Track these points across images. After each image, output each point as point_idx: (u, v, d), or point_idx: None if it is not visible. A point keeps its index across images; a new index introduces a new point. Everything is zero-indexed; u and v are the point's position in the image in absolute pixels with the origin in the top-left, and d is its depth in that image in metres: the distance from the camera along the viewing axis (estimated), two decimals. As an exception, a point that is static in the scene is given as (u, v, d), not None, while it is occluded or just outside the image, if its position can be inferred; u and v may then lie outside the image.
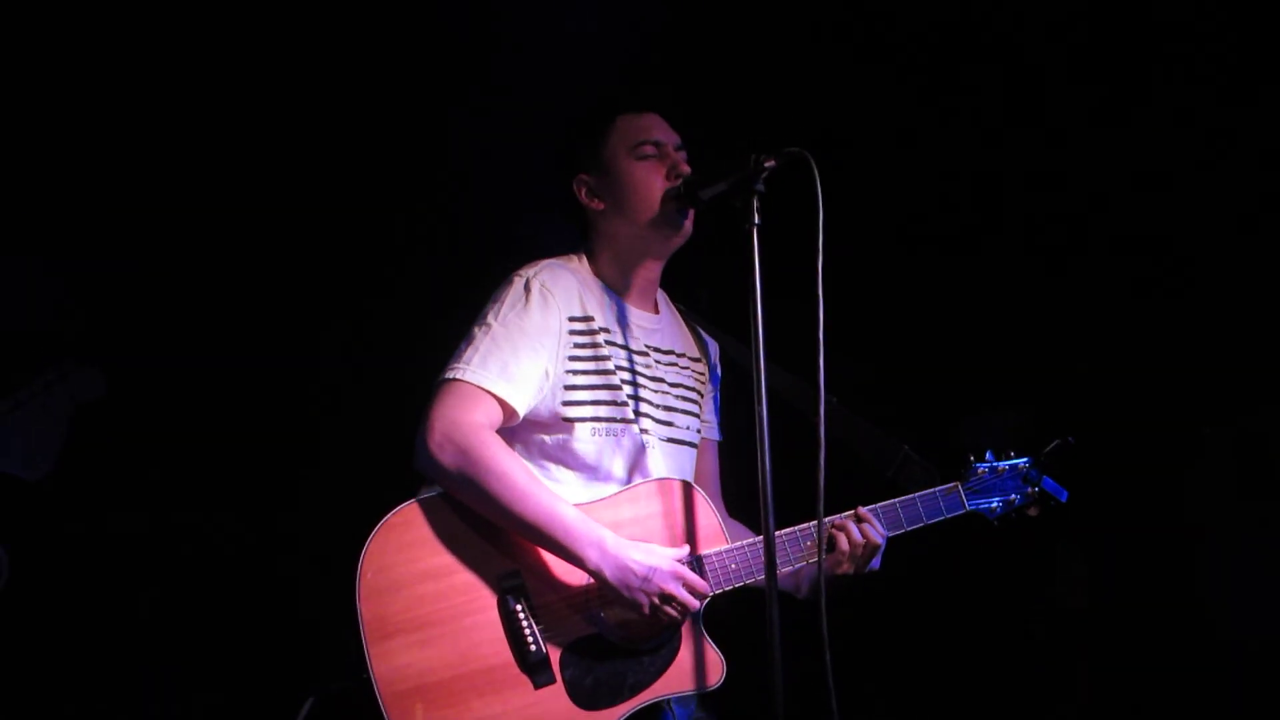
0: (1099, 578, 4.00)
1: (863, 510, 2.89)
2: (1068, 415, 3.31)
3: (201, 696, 3.53)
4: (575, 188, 2.96)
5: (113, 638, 3.55)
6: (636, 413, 2.87)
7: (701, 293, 3.40)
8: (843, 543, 2.82)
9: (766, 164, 2.58)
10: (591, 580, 2.67)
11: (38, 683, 3.50)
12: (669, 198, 2.86)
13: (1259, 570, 3.79)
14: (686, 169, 2.90)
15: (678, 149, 2.94)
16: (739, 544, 2.81)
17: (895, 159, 4.00)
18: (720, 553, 2.78)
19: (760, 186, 2.58)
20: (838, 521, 2.84)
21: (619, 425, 2.84)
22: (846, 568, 2.81)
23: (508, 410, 2.71)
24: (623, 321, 2.95)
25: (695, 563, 2.75)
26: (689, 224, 2.91)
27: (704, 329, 3.22)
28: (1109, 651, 3.97)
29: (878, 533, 2.86)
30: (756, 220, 2.58)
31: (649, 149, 2.91)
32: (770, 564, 2.46)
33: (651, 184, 2.88)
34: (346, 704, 2.60)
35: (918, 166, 4.02)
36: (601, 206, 2.94)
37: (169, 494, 3.64)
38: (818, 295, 2.47)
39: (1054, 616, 4.06)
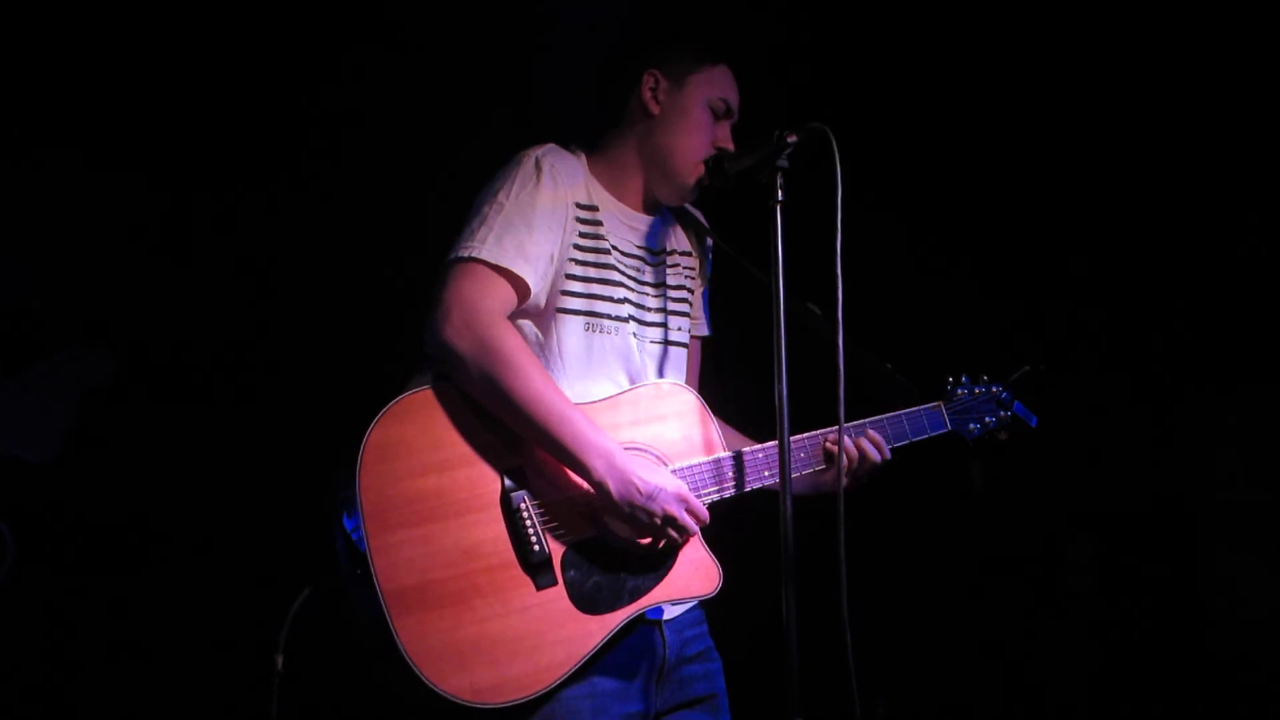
0: (1105, 565, 4.07)
1: (871, 432, 2.88)
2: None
3: (197, 590, 3.37)
4: (645, 77, 2.87)
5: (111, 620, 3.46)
6: (630, 316, 2.80)
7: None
8: (841, 457, 2.76)
9: (789, 139, 2.57)
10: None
11: (43, 659, 3.44)
12: (704, 164, 2.83)
13: (1261, 559, 3.88)
14: (731, 146, 2.87)
15: (732, 126, 2.92)
16: (752, 449, 2.77)
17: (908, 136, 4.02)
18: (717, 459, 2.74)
19: (784, 162, 2.57)
20: (833, 437, 2.82)
21: (611, 323, 2.76)
22: (846, 483, 2.76)
23: (521, 290, 2.61)
24: (618, 219, 2.87)
25: (736, 458, 2.72)
26: (695, 194, 2.90)
27: (698, 221, 3.14)
28: (1114, 640, 4.04)
29: (877, 450, 2.84)
30: (780, 196, 2.56)
31: (722, 107, 2.88)
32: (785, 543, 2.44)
33: (703, 139, 2.85)
34: (342, 597, 2.47)
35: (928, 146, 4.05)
36: (656, 112, 2.86)
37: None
38: (836, 273, 2.46)
39: (1061, 602, 4.12)
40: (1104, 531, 4.07)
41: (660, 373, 2.87)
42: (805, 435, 2.82)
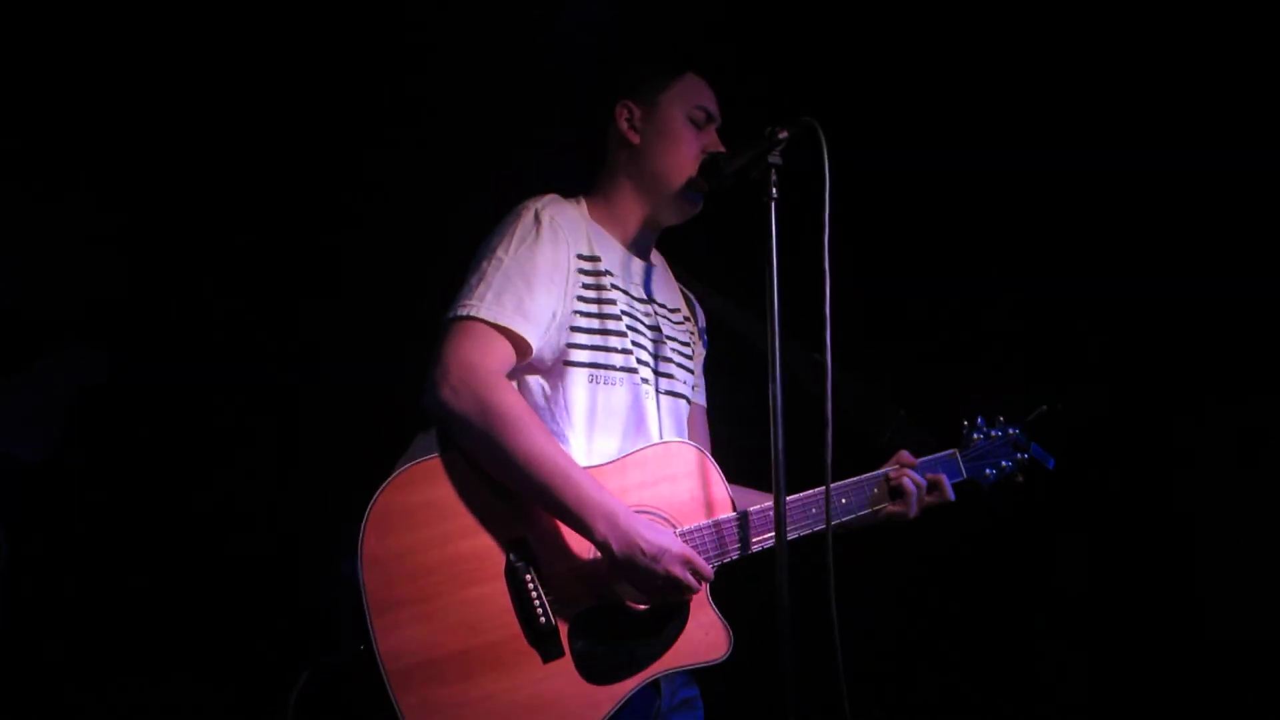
0: (1098, 567, 4.02)
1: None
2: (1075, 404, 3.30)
3: (193, 675, 3.34)
4: (617, 110, 2.83)
5: (108, 618, 3.36)
6: (639, 361, 2.75)
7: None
8: (909, 485, 2.85)
9: (780, 134, 2.53)
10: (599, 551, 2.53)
11: (37, 662, 3.37)
12: (697, 169, 2.79)
13: (1254, 563, 3.83)
14: (721, 149, 2.82)
15: (717, 129, 2.87)
16: (762, 506, 2.71)
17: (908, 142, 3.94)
18: (731, 519, 2.69)
19: (776, 159, 2.53)
20: (892, 474, 2.88)
21: (618, 374, 2.71)
22: (916, 512, 2.88)
23: (521, 349, 2.56)
24: (624, 267, 2.82)
25: (741, 519, 2.68)
26: (700, 205, 2.86)
27: (691, 292, 3.12)
28: (1107, 641, 4.00)
29: (939, 493, 2.92)
30: (774, 194, 2.51)
31: (701, 116, 2.84)
32: (781, 540, 2.43)
33: (690, 150, 2.81)
34: (343, 678, 2.43)
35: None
36: (637, 141, 2.82)
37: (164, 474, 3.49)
38: (824, 269, 2.42)
39: (1054, 605, 4.07)
40: (1098, 532, 4.02)
41: (664, 422, 2.80)
42: (851, 481, 2.84)
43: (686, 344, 2.96)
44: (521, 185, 2.83)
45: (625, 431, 2.71)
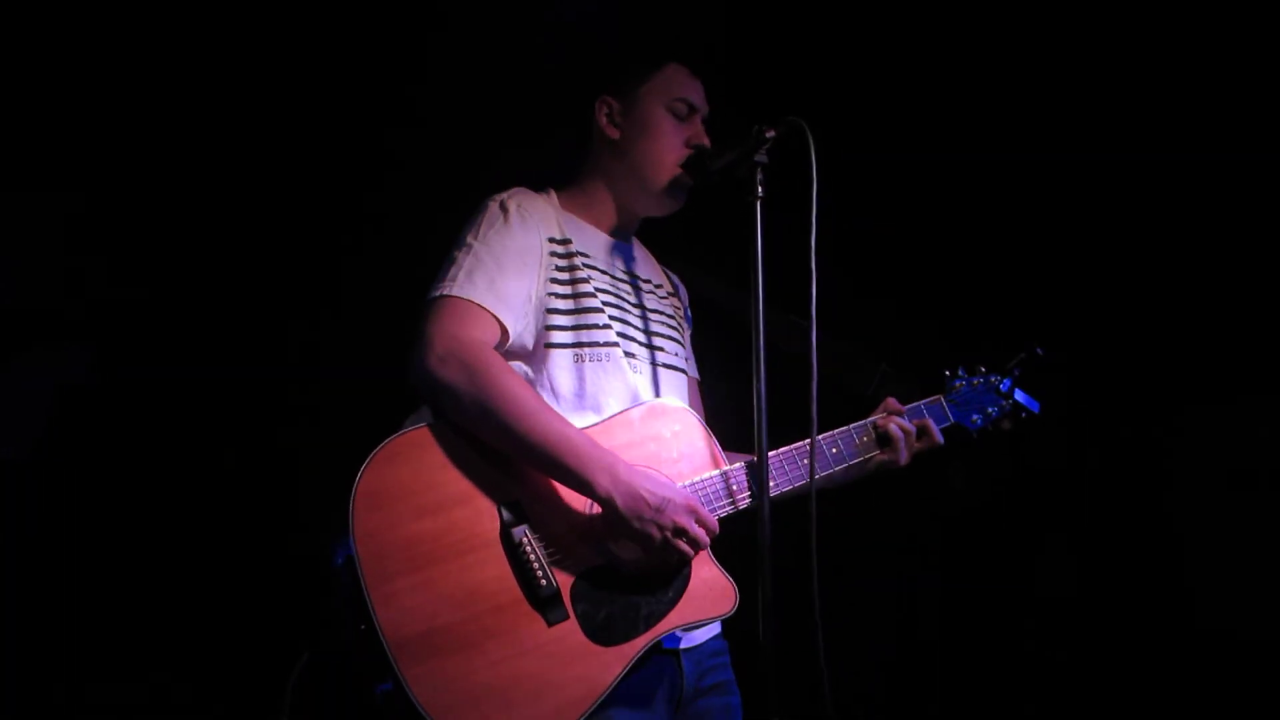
0: (1086, 568, 4.00)
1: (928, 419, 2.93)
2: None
3: (191, 664, 3.27)
4: (598, 106, 2.84)
5: (101, 607, 3.32)
6: (621, 335, 2.73)
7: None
8: (896, 430, 2.82)
9: (768, 134, 2.53)
10: (598, 508, 2.50)
11: (29, 657, 3.32)
12: (682, 165, 2.78)
13: (1243, 562, 3.82)
14: (706, 141, 2.82)
15: (703, 120, 2.86)
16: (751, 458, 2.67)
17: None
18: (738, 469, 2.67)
19: (763, 157, 2.53)
20: (879, 421, 2.85)
21: (602, 350, 2.69)
22: (906, 458, 2.84)
23: (500, 328, 2.55)
24: (600, 249, 2.82)
25: (750, 466, 2.64)
26: (683, 201, 2.85)
27: (672, 272, 3.12)
28: (1094, 643, 3.98)
29: (928, 436, 2.88)
30: (760, 193, 2.51)
31: (683, 108, 2.83)
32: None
33: (672, 143, 2.80)
34: (344, 657, 2.38)
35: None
36: (616, 136, 2.82)
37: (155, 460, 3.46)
38: (810, 269, 2.41)
39: (1041, 607, 4.05)
40: (1084, 536, 4.00)
41: (661, 394, 2.79)
42: (838, 430, 2.81)
43: (673, 318, 2.95)
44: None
45: (615, 407, 2.68)
